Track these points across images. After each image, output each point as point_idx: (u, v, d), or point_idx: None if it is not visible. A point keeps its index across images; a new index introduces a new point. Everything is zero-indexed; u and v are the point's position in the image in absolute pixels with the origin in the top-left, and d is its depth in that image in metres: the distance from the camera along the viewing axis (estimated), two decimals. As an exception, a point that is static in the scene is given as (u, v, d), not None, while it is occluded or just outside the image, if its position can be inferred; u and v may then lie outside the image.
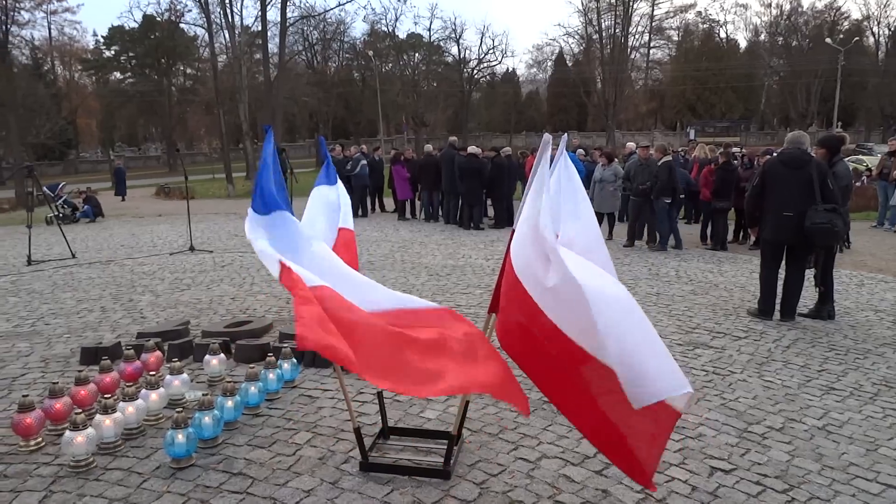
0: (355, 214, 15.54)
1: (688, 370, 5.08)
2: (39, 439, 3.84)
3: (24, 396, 3.87)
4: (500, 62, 74.99)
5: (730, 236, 11.70)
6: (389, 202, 17.31)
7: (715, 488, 3.33)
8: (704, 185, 11.64)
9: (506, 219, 14.01)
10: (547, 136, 3.35)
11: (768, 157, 8.85)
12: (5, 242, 13.29)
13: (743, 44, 66.13)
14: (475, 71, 60.16)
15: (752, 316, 6.72)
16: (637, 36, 58.37)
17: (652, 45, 61.93)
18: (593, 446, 3.07)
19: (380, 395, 3.89)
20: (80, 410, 3.97)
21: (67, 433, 3.53)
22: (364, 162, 16.03)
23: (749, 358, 5.41)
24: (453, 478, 3.41)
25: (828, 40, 49.49)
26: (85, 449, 3.53)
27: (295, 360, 4.89)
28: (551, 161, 3.15)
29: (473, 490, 3.31)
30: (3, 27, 26.86)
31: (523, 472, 3.48)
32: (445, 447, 3.53)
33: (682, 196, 11.38)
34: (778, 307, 6.66)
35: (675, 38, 63.91)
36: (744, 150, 15.00)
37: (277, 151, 3.21)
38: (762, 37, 63.50)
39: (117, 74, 58.85)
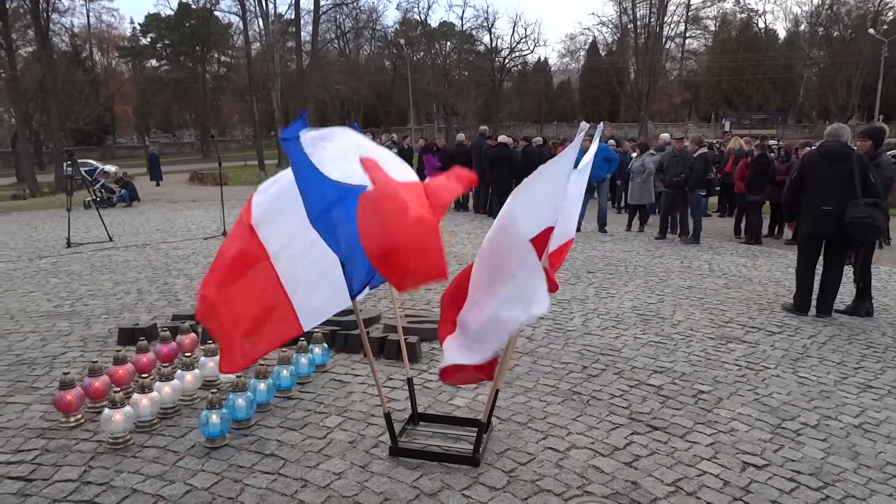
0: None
1: (720, 364, 5.02)
2: (79, 416, 3.95)
3: (64, 374, 3.98)
4: (532, 51, 74.58)
5: (764, 230, 11.50)
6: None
7: (747, 483, 3.29)
8: (739, 178, 11.44)
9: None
10: (584, 124, 3.34)
11: (807, 149, 8.67)
12: (46, 225, 13.61)
13: (782, 34, 64.56)
14: (507, 60, 59.83)
15: (787, 311, 6.61)
16: (672, 25, 57.35)
17: (688, 34, 60.80)
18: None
19: (409, 381, 3.91)
20: (118, 389, 4.06)
21: (106, 411, 3.62)
22: (395, 150, 16.05)
23: (783, 353, 5.33)
24: (482, 465, 3.42)
25: (871, 31, 48.03)
26: (123, 426, 3.63)
27: (326, 345, 4.94)
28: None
29: (502, 478, 3.32)
30: (45, 14, 27.35)
31: (552, 462, 3.48)
32: (474, 434, 3.55)
33: (717, 189, 11.21)
34: (814, 303, 6.54)
35: (712, 28, 62.63)
36: (781, 143, 14.68)
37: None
38: (802, 27, 61.88)
39: (153, 62, 59.74)
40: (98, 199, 15.68)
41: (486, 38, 59.15)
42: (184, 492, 3.19)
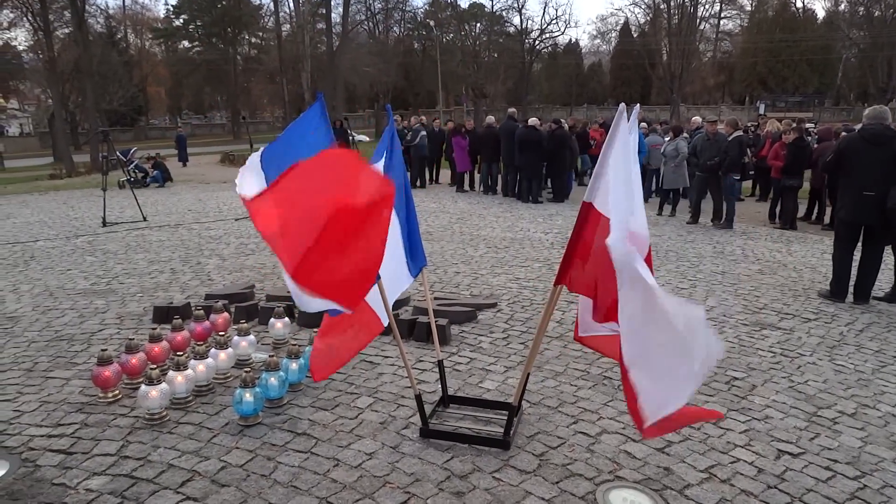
0: (413, 185, 15.63)
1: (754, 351, 4.95)
2: (117, 391, 4.03)
3: (102, 350, 4.06)
4: (562, 33, 73.71)
5: (801, 214, 11.25)
6: (444, 174, 17.28)
7: (782, 471, 3.24)
8: (774, 161, 11.18)
9: (564, 192, 13.83)
10: (622, 107, 3.27)
11: (845, 133, 8.43)
12: (82, 204, 13.88)
13: (821, 14, 62.69)
14: (537, 42, 59.01)
15: (824, 298, 6.48)
16: (707, 6, 55.99)
17: (723, 15, 59.37)
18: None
19: (440, 363, 3.92)
20: (154, 366, 4.14)
21: (143, 387, 3.70)
22: (424, 133, 16.02)
23: (819, 341, 5.23)
24: (512, 448, 3.43)
25: (915, 10, 46.42)
26: (159, 403, 3.70)
27: (356, 327, 4.96)
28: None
29: (533, 461, 3.32)
30: (81, -4, 27.70)
31: (583, 446, 3.47)
32: (504, 418, 3.55)
33: (751, 173, 10.98)
34: (851, 289, 6.39)
35: (748, 9, 61.05)
36: (816, 126, 14.32)
37: (330, 120, 3.15)
38: (842, 7, 59.98)
39: (185, 43, 60.15)
40: (132, 179, 15.92)
41: (517, 20, 58.52)
42: (218, 468, 3.25)
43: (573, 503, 2.98)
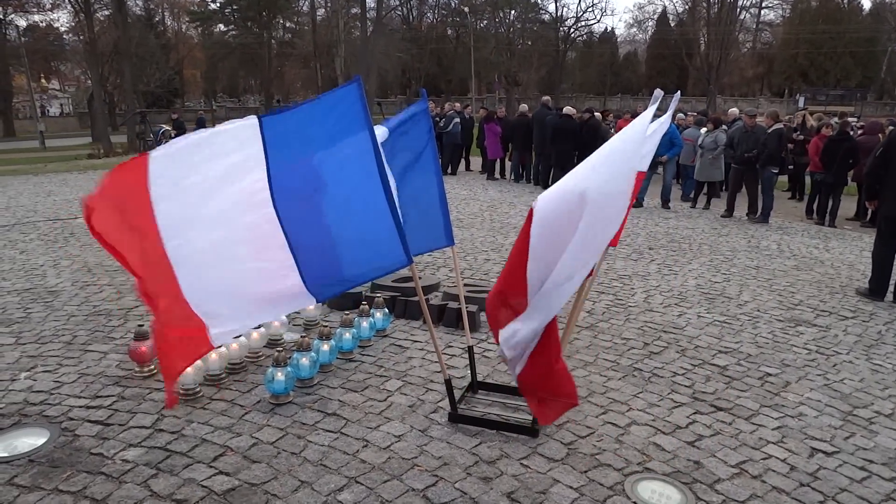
0: (444, 172, 15.60)
1: (788, 347, 4.86)
2: (152, 366, 4.12)
3: (139, 326, 4.15)
4: (598, 21, 72.67)
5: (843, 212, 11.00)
6: (474, 161, 17.22)
7: (815, 470, 3.19)
8: (815, 156, 10.93)
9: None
10: (658, 92, 3.24)
11: (892, 128, 8.21)
12: (118, 184, 14.12)
13: (867, 5, 60.83)
14: (572, 30, 58.31)
15: (862, 296, 6.33)
16: (748, -5, 54.83)
17: (763, 4, 57.95)
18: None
19: (470, 349, 3.92)
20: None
21: (178, 363, 3.76)
22: (457, 119, 15.96)
23: (856, 339, 5.12)
24: (540, 436, 3.43)
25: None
26: (193, 378, 3.77)
27: (387, 310, 5.00)
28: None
29: (561, 450, 3.31)
30: (120, -21, 28.11)
31: (612, 437, 3.45)
32: (533, 405, 3.54)
33: (790, 167, 10.75)
34: (892, 288, 6.24)
35: (791, -2, 59.55)
36: (860, 120, 13.93)
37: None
38: (890, -2, 58.20)
39: (221, 26, 60.69)
40: None
41: (552, 7, 58.02)
42: (250, 444, 3.31)
43: (601, 493, 2.97)
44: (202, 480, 3.00)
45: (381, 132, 3.56)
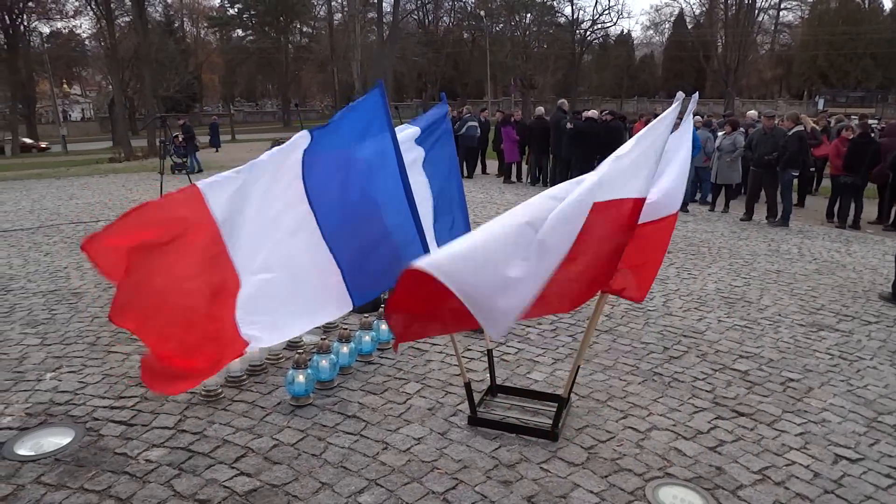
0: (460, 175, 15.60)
1: (811, 353, 4.81)
2: (174, 369, 4.15)
3: (162, 328, 4.19)
4: (614, 24, 72.36)
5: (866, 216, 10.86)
6: (490, 164, 17.20)
7: (839, 476, 3.16)
8: (836, 158, 10.80)
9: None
10: (680, 94, 3.23)
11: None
12: (139, 187, 14.29)
13: (888, 6, 60.06)
14: (588, 33, 58.09)
15: (885, 300, 6.25)
16: (767, -4, 54.35)
17: (782, 6, 57.39)
18: None
19: (489, 353, 3.93)
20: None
21: (200, 365, 3.80)
22: (473, 123, 15.96)
23: (880, 345, 5.05)
24: (560, 440, 3.42)
25: None
26: (215, 380, 3.80)
27: (405, 314, 5.00)
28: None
29: (581, 454, 3.30)
30: (141, -15, 28.47)
31: (632, 442, 3.44)
32: (552, 409, 3.54)
33: (812, 169, 10.63)
34: (916, 293, 6.16)
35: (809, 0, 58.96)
36: (880, 122, 13.75)
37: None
38: (912, -2, 57.44)
39: (239, 32, 61.26)
40: (180, 162, 16.52)
41: (568, 10, 57.86)
42: (271, 445, 3.33)
43: (622, 498, 2.96)
44: (224, 481, 3.02)
45: (411, 131, 3.62)
